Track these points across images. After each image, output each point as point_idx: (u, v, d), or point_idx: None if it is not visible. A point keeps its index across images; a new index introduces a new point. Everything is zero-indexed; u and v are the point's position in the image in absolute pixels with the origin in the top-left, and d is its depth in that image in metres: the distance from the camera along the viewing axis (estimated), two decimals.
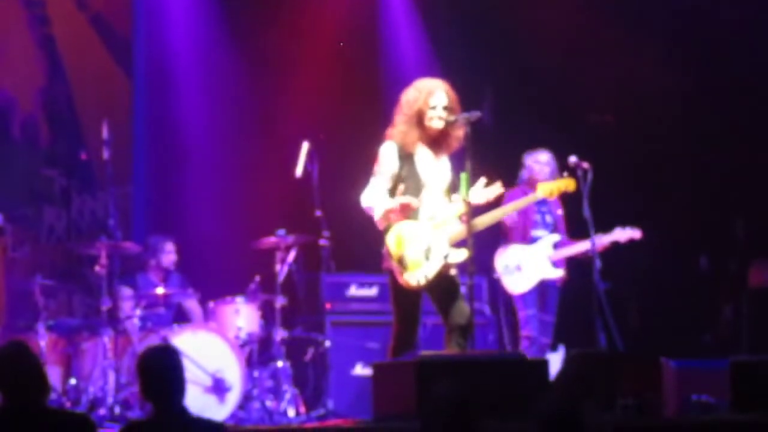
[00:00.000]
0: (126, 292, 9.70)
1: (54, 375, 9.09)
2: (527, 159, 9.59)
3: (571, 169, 8.60)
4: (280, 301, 9.42)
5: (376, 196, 7.21)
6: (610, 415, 7.13)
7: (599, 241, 9.08)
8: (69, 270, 10.42)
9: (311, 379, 9.60)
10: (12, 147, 10.86)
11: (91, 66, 11.18)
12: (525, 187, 9.42)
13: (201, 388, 8.82)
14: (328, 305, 9.70)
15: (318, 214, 9.71)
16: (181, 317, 9.86)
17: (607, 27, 10.80)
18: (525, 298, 9.45)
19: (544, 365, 7.11)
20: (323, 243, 9.75)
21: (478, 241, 7.17)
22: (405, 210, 7.16)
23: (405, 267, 7.12)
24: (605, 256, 9.00)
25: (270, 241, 9.49)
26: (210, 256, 10.72)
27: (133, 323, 9.22)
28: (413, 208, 7.18)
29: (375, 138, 7.44)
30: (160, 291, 9.50)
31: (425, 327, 8.54)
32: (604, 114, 8.46)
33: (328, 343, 9.50)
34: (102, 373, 8.96)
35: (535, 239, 9.52)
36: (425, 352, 7.04)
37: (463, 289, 7.23)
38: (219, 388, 8.93)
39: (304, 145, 9.58)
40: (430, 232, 7.20)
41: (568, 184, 8.18)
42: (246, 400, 9.14)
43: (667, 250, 10.75)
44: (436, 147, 7.35)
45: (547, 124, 10.50)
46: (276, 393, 9.25)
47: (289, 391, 9.22)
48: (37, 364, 5.17)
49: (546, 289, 9.49)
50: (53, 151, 11.01)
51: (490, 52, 11.08)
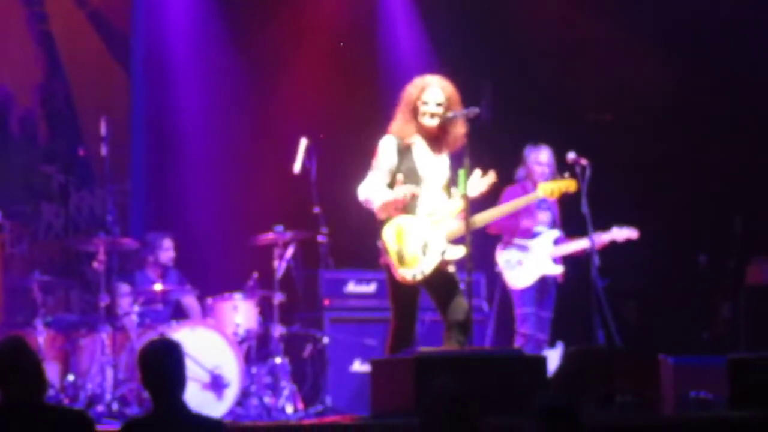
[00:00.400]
0: (124, 288, 9.69)
1: (52, 371, 9.08)
2: (528, 156, 9.55)
3: (569, 166, 8.59)
4: (278, 298, 9.41)
5: (373, 188, 7.20)
6: (609, 411, 7.13)
7: (597, 239, 9.07)
8: (67, 266, 10.41)
9: (309, 376, 9.59)
10: (10, 143, 10.85)
11: (90, 62, 11.17)
12: (525, 185, 9.41)
13: (199, 384, 8.81)
14: (327, 302, 9.69)
15: (316, 210, 9.69)
16: (179, 314, 9.86)
17: (606, 24, 10.80)
18: (523, 295, 9.44)
19: (542, 362, 7.12)
20: (321, 239, 9.74)
21: (477, 236, 7.17)
22: (404, 202, 7.15)
23: (402, 262, 7.12)
24: (604, 253, 8.99)
25: (268, 237, 9.49)
26: (208, 253, 10.72)
27: (131, 320, 9.21)
28: (415, 195, 7.16)
29: (373, 134, 7.43)
30: (158, 287, 9.50)
31: (423, 323, 8.54)
32: (603, 112, 8.45)
33: (326, 339, 9.50)
34: (100, 369, 8.95)
35: (535, 235, 9.52)
36: (423, 349, 7.04)
37: (462, 285, 7.23)
38: (217, 384, 8.93)
39: (302, 142, 9.57)
40: (428, 227, 7.19)
41: (569, 185, 8.17)
42: (244, 396, 9.14)
43: (666, 247, 10.74)
44: (435, 143, 7.34)
45: (546, 121, 10.50)
46: (274, 389, 9.24)
47: (287, 387, 9.22)
48: (34, 360, 5.15)
49: (545, 285, 9.48)
50: (51, 147, 11.00)
51: (489, 49, 11.07)
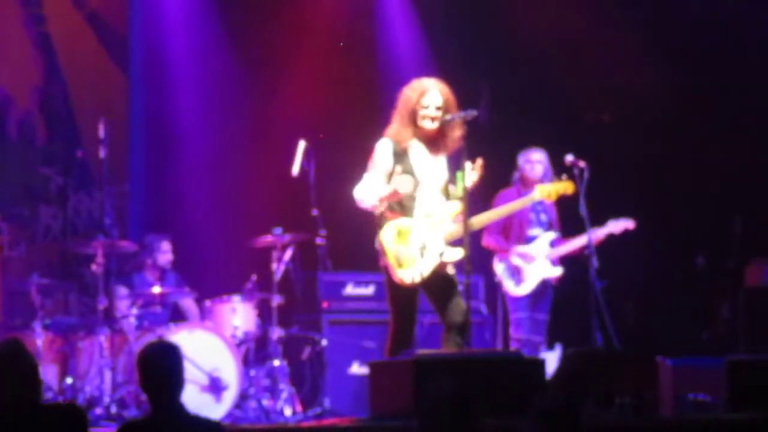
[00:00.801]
0: (122, 291, 9.70)
1: (50, 374, 9.08)
2: (519, 158, 9.57)
3: (567, 168, 8.58)
4: (277, 300, 9.41)
5: (369, 187, 7.20)
6: (607, 413, 7.13)
7: (594, 235, 9.04)
8: (65, 269, 10.40)
9: (308, 378, 9.59)
10: (8, 145, 10.84)
11: (88, 64, 11.16)
12: (519, 187, 9.40)
13: (197, 386, 8.81)
14: (325, 304, 9.69)
15: (314, 212, 9.69)
16: (177, 316, 9.86)
17: (604, 26, 10.79)
18: (518, 299, 9.40)
19: (541, 364, 7.12)
20: (320, 242, 9.73)
21: (475, 238, 7.17)
22: (401, 196, 7.15)
23: (400, 264, 7.12)
24: (602, 254, 8.98)
25: (267, 239, 9.49)
26: (206, 255, 10.72)
27: (130, 322, 9.21)
28: (408, 191, 7.16)
29: (371, 137, 7.43)
30: (157, 290, 9.50)
31: (422, 326, 8.54)
32: (601, 113, 8.44)
33: (324, 341, 9.49)
34: (98, 372, 8.95)
35: (531, 238, 9.49)
36: (422, 351, 7.04)
37: (461, 287, 7.23)
38: (215, 386, 8.93)
39: (301, 144, 9.57)
40: (426, 229, 7.19)
41: (566, 187, 8.16)
42: (242, 398, 9.13)
43: (664, 248, 10.74)
44: (432, 146, 7.35)
45: (544, 123, 10.50)
46: (273, 392, 9.24)
47: (285, 389, 9.22)
48: (31, 362, 5.15)
49: (540, 287, 9.45)
50: (50, 149, 10.99)
51: (487, 51, 11.08)
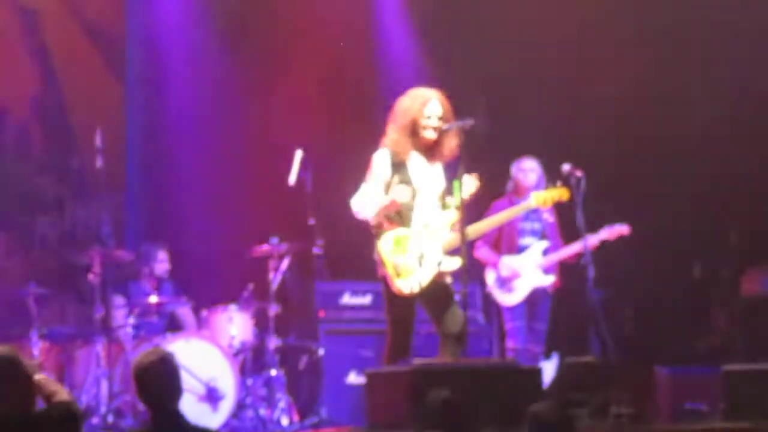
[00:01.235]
0: (119, 300, 9.70)
1: None
2: (513, 168, 9.58)
3: (564, 177, 8.58)
4: (274, 309, 9.42)
5: (367, 198, 7.19)
6: (604, 423, 7.13)
7: (588, 242, 9.01)
8: (62, 278, 10.39)
9: (305, 388, 9.59)
10: (5, 155, 10.83)
11: (85, 73, 11.16)
12: (512, 197, 9.40)
13: (194, 396, 8.81)
14: (322, 313, 9.68)
15: (311, 222, 9.70)
16: (174, 325, 9.85)
17: (602, 34, 10.80)
18: (513, 309, 9.40)
19: (537, 373, 7.12)
20: (317, 251, 9.73)
21: (471, 249, 7.16)
22: (399, 206, 7.15)
23: (398, 274, 7.12)
24: (599, 264, 8.97)
25: (263, 249, 9.49)
26: (203, 264, 10.71)
27: (126, 331, 9.21)
28: (406, 201, 7.16)
29: (368, 146, 7.43)
30: (153, 299, 9.50)
31: (419, 335, 8.53)
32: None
33: (321, 351, 9.49)
34: (95, 381, 8.95)
35: (523, 248, 9.47)
36: (419, 361, 7.03)
37: (458, 297, 7.23)
38: (212, 396, 8.93)
39: (298, 153, 9.58)
40: (423, 239, 7.19)
41: (562, 194, 8.16)
42: (239, 408, 9.13)
43: (661, 257, 10.74)
44: (429, 154, 7.35)
45: (541, 132, 10.50)
46: (269, 401, 9.24)
47: (282, 399, 9.22)
48: (26, 372, 5.14)
49: (537, 296, 9.43)
50: (46, 159, 10.99)
51: (484, 60, 11.08)
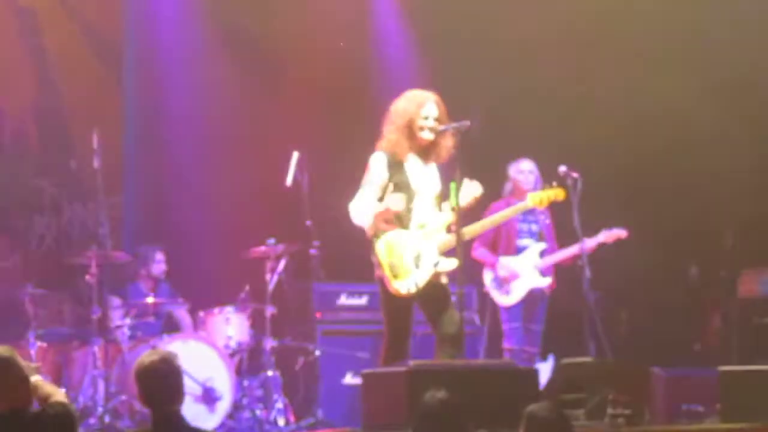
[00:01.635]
0: (116, 301, 9.70)
1: None
2: (510, 169, 9.59)
3: (561, 179, 8.59)
4: (270, 310, 9.43)
5: (363, 206, 7.20)
6: (600, 424, 7.15)
7: (586, 244, 9.02)
8: (59, 279, 10.40)
9: (301, 389, 9.60)
10: (2, 156, 10.84)
11: (82, 75, 11.15)
12: (510, 199, 9.41)
13: (191, 397, 8.81)
14: (319, 314, 9.69)
15: (308, 223, 9.71)
16: (170, 326, 9.86)
17: (598, 37, 10.82)
18: (510, 310, 9.42)
19: (534, 374, 7.13)
20: (313, 252, 9.74)
21: (469, 249, 7.17)
22: (395, 213, 7.16)
23: (395, 275, 7.12)
24: (595, 265, 8.99)
25: (260, 250, 9.50)
26: (200, 266, 10.71)
27: (123, 332, 9.22)
28: (401, 209, 7.17)
29: (365, 148, 7.44)
30: (150, 300, 9.51)
31: (415, 337, 8.54)
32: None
33: (318, 352, 9.50)
34: (92, 382, 8.96)
35: (521, 249, 9.50)
36: (415, 362, 7.04)
37: (454, 298, 7.23)
38: (209, 397, 8.94)
39: (294, 155, 9.59)
40: (420, 240, 7.20)
41: (558, 194, 8.17)
42: (236, 409, 9.14)
43: (657, 259, 10.75)
44: (425, 155, 7.36)
45: (538, 134, 10.52)
46: (266, 402, 9.25)
47: (279, 400, 9.22)
48: (21, 373, 5.14)
49: (533, 298, 9.45)
50: (43, 160, 10.99)
51: (480, 62, 11.10)
